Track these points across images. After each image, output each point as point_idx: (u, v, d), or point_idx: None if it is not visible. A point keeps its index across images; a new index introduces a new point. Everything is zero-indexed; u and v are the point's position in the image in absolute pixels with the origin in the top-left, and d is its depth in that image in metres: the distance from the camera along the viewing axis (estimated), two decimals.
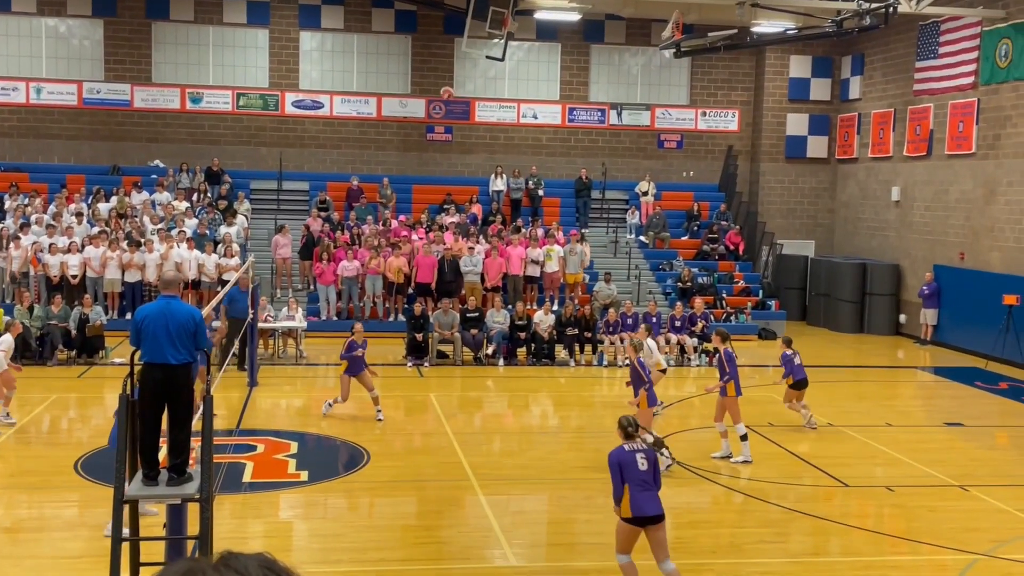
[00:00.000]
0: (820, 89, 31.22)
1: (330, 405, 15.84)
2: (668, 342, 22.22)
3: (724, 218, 29.72)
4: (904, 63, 27.66)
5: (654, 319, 22.41)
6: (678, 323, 22.51)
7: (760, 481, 13.17)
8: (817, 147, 31.39)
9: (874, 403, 18.96)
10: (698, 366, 22.10)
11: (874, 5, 21.11)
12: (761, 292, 27.68)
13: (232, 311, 18.83)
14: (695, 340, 22.43)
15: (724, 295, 26.78)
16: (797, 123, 31.25)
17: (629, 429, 9.17)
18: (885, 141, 28.48)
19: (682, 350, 22.40)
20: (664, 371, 16.70)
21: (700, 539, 11.16)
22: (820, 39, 27.17)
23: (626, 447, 9.12)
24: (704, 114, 31.61)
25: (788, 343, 16.33)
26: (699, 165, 31.69)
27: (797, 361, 15.99)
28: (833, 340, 26.69)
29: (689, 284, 26.20)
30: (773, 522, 11.79)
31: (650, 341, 16.51)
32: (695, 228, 29.61)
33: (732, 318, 26.03)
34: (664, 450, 12.95)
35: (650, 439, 13.73)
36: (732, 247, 28.85)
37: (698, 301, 23.83)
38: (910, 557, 10.91)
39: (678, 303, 23.88)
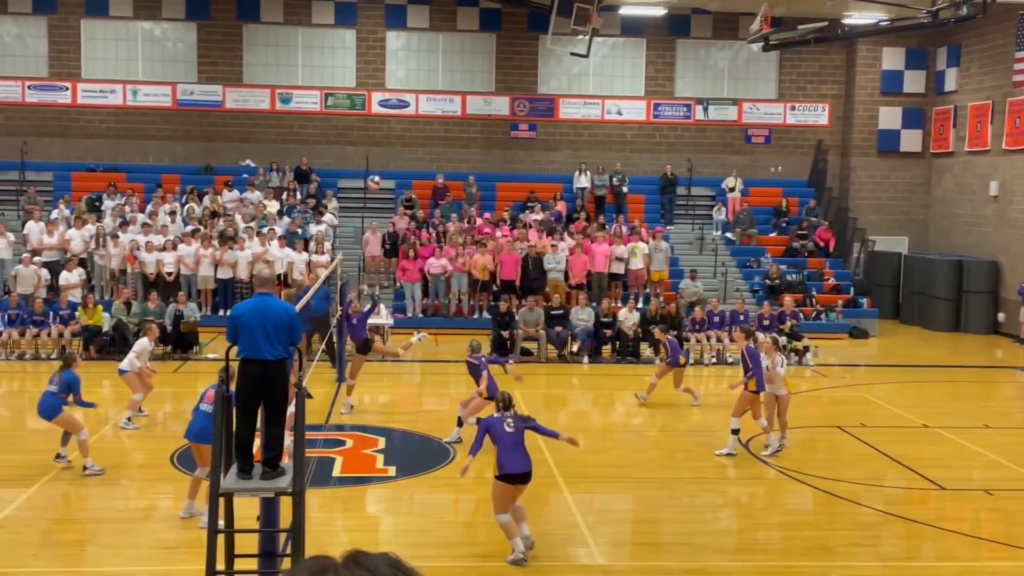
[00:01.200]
0: (914, 81, 30.43)
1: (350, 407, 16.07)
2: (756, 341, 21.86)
3: (814, 214, 29.17)
4: (1003, 54, 26.78)
5: (741, 317, 22.12)
6: (766, 322, 22.15)
7: (851, 482, 12.89)
8: (911, 141, 30.60)
9: (971, 404, 18.44)
10: (787, 365, 21.66)
11: None
12: (852, 290, 27.11)
13: (312, 309, 19.15)
14: (784, 339, 22.02)
15: (814, 293, 26.31)
16: (890, 116, 30.50)
17: (500, 404, 10.62)
18: (983, 134, 27.63)
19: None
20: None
21: (789, 540, 10.98)
22: (914, 30, 26.44)
23: (496, 415, 10.44)
24: (793, 108, 31.07)
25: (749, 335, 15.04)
26: (788, 160, 31.17)
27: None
28: (927, 339, 26.02)
29: (777, 281, 25.79)
30: (865, 524, 11.54)
31: (778, 357, 14.59)
32: (783, 224, 29.13)
33: (822, 316, 25.56)
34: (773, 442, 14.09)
35: (764, 424, 13.88)
36: (822, 244, 28.30)
37: (787, 299, 23.43)
38: (1010, 563, 10.58)
39: (766, 301, 23.52)
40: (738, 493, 12.59)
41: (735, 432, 13.95)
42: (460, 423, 14.39)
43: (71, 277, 22.22)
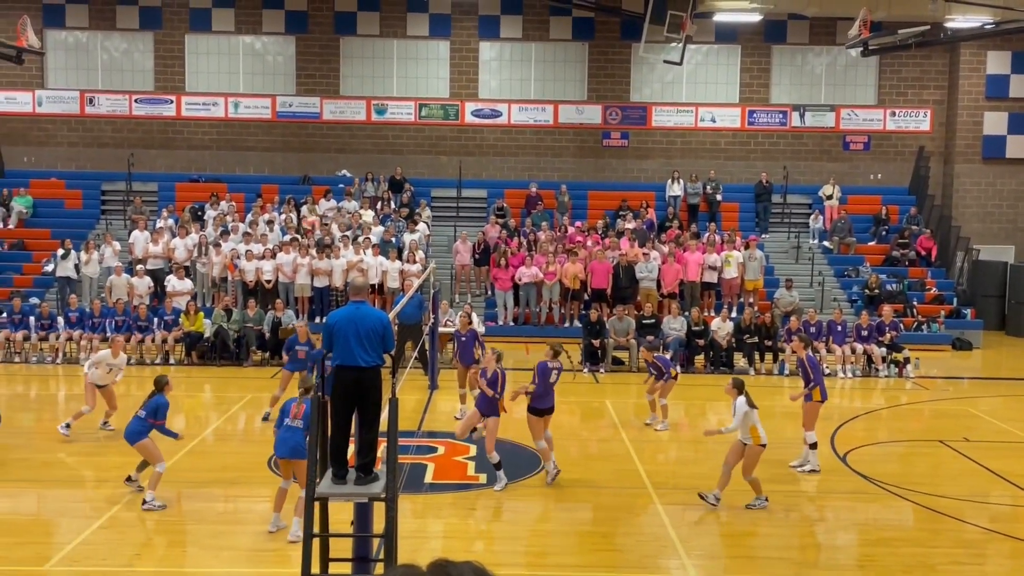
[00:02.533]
0: (1020, 85, 29.45)
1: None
2: (854, 352, 21.40)
3: (915, 222, 28.39)
4: None
5: (839, 327, 21.65)
6: (865, 332, 21.63)
7: (954, 498, 12.49)
8: (1017, 147, 29.61)
9: None
10: (886, 377, 21.17)
11: None
12: (955, 300, 26.29)
13: (401, 316, 19.37)
14: (883, 350, 21.50)
15: (915, 303, 25.60)
16: (995, 122, 29.56)
17: (556, 348, 13.36)
18: None
19: (869, 360, 21.51)
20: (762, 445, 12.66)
21: (890, 557, 10.69)
22: (1021, 33, 25.57)
23: (550, 363, 13.08)
24: (893, 114, 30.33)
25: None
26: (887, 167, 30.44)
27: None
28: None
29: (877, 291, 25.17)
30: (969, 542, 11.17)
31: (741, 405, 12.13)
32: (883, 233, 28.43)
33: (924, 327, 24.86)
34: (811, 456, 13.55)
35: (812, 439, 13.45)
36: (924, 253, 27.54)
37: (886, 309, 22.81)
38: None
39: (864, 311, 22.97)
40: (836, 507, 12.31)
41: (814, 446, 13.62)
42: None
43: (181, 284, 22.88)
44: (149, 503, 11.69)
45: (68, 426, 14.77)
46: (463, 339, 16.64)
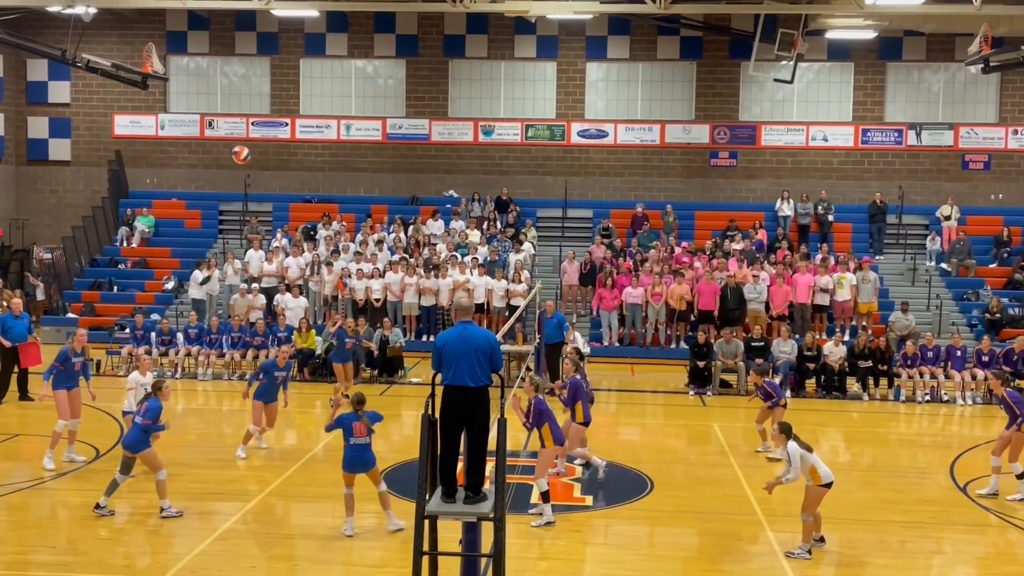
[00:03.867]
0: None
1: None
2: (974, 378, 20.63)
3: None
4: None
5: (958, 352, 20.91)
6: (986, 357, 20.84)
7: None
8: None
9: None
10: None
11: None
12: None
13: (547, 337, 19.82)
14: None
15: None
16: None
17: (577, 359, 14.19)
18: None
19: (991, 388, 20.67)
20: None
21: None
22: None
23: (577, 376, 13.74)
24: (1016, 132, 29.28)
25: None
26: (1009, 187, 29.37)
27: None
28: None
29: (998, 315, 24.24)
30: None
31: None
32: (1005, 255, 27.39)
33: None
34: None
35: (1020, 470, 13.13)
36: None
37: (1021, 338, 21.69)
38: None
39: (985, 336, 22.13)
40: (955, 539, 11.87)
41: (1022, 476, 13.24)
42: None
43: (294, 303, 23.42)
44: (167, 511, 12.03)
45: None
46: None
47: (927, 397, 20.64)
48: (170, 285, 27.02)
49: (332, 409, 14.17)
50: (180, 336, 22.39)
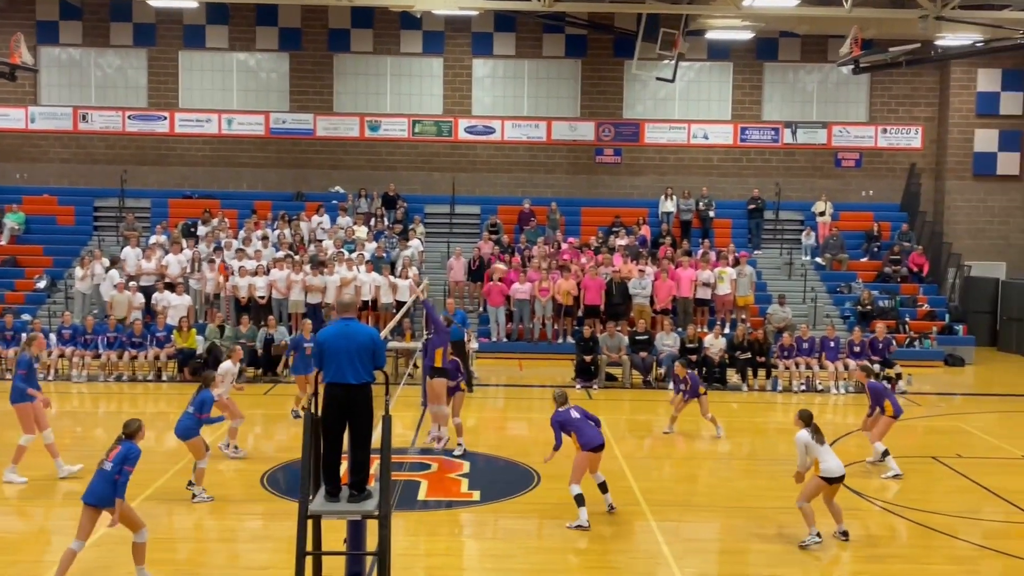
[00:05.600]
0: (1011, 103, 29.66)
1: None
2: (847, 368, 21.43)
3: (907, 239, 28.51)
4: None
5: (832, 343, 21.69)
6: (857, 348, 21.68)
7: (947, 515, 12.50)
8: (1008, 164, 29.81)
9: None
10: None
11: None
12: (947, 316, 26.37)
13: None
14: (877, 367, 21.50)
15: (907, 319, 25.66)
16: (986, 139, 29.75)
17: (559, 399, 12.52)
18: None
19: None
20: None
21: (883, 574, 10.69)
22: (1011, 51, 25.77)
23: (560, 409, 12.35)
24: (884, 131, 30.51)
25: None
26: (879, 184, 30.59)
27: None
28: None
29: (869, 307, 25.24)
30: (962, 559, 11.17)
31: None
32: (875, 249, 28.53)
33: (916, 343, 24.92)
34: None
35: (881, 449, 14.08)
36: (915, 269, 27.63)
37: (880, 325, 22.83)
38: None
39: (856, 327, 23.02)
40: (829, 523, 12.29)
41: (887, 454, 14.26)
42: None
43: (178, 300, 22.79)
44: (199, 496, 12.43)
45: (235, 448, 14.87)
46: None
47: (803, 387, 21.36)
48: (42, 284, 26.01)
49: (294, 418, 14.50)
50: (53, 337, 21.58)
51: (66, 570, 9.43)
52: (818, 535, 11.38)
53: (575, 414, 12.32)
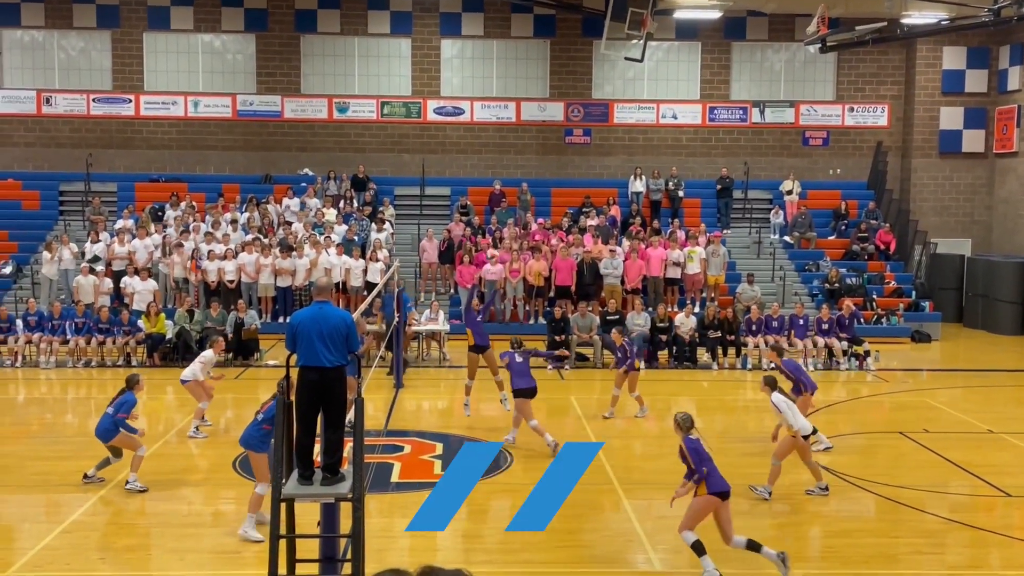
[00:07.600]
0: (976, 81, 29.92)
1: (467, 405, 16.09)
2: (815, 345, 21.64)
3: (874, 216, 28.76)
4: None
5: (801, 321, 21.88)
6: (825, 326, 21.89)
7: (914, 489, 12.70)
8: (973, 141, 30.08)
9: None
10: (847, 369, 21.43)
11: None
12: (914, 293, 26.67)
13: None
14: (844, 344, 21.75)
15: (874, 296, 25.93)
16: (951, 117, 30.02)
17: (685, 424, 10.32)
18: None
19: (830, 353, 21.76)
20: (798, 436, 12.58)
21: (852, 548, 10.85)
22: (976, 29, 25.99)
23: (692, 437, 10.21)
24: (852, 110, 30.71)
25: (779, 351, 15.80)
26: (846, 162, 30.81)
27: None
28: (992, 343, 25.53)
29: (837, 285, 25.47)
30: (929, 532, 11.36)
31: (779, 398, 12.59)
32: (843, 227, 28.77)
33: (883, 320, 25.19)
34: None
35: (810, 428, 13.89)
36: (883, 246, 27.90)
37: (846, 302, 23.05)
38: None
39: (824, 305, 23.23)
40: (798, 500, 12.45)
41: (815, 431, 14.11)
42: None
43: (143, 286, 22.57)
44: (132, 484, 12.21)
45: (197, 429, 15.04)
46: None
47: (772, 365, 21.50)
48: (8, 270, 25.71)
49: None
50: (20, 323, 21.35)
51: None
52: (769, 493, 12.17)
53: (704, 447, 10.32)
